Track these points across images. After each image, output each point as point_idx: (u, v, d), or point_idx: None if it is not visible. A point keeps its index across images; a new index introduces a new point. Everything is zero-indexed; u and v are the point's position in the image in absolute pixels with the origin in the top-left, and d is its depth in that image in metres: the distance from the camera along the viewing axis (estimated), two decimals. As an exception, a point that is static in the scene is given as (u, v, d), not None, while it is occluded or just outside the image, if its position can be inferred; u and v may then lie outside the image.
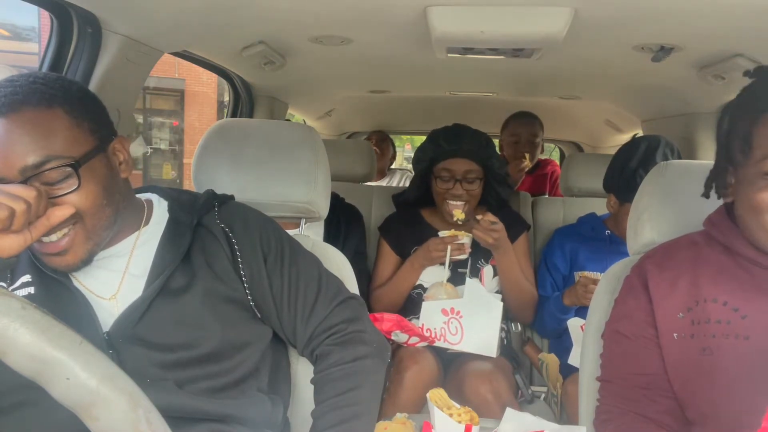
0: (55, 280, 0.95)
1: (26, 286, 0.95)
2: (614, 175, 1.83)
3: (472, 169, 1.87)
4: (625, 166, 1.78)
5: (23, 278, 0.96)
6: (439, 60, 1.77)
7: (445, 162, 1.88)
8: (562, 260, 1.96)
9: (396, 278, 1.90)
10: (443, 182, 1.88)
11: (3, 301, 0.44)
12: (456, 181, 1.86)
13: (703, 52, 1.62)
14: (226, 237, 1.05)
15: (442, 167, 1.88)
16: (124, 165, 0.99)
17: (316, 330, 1.07)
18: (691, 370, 0.96)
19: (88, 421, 0.46)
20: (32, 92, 0.87)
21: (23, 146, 0.85)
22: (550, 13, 1.32)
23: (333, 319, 1.08)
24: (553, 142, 4.12)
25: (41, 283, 0.95)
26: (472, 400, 1.57)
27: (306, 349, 1.09)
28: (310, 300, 1.08)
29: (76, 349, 0.46)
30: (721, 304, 0.96)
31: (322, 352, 1.06)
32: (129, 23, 1.36)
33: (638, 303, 1.04)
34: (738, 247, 0.97)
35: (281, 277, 1.07)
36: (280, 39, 1.74)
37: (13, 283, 0.95)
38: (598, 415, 1.06)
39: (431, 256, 1.81)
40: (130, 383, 0.48)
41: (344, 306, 1.10)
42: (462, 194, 1.86)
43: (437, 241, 1.80)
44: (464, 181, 1.86)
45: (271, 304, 1.06)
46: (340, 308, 1.09)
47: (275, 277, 1.06)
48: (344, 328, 1.07)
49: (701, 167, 1.23)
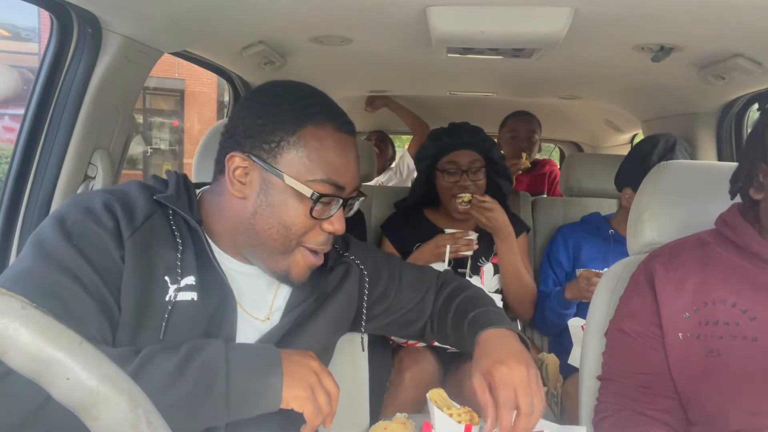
0: (215, 287, 0.93)
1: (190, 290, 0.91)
2: (633, 169, 1.83)
3: (476, 159, 1.90)
4: (647, 158, 1.78)
5: (188, 279, 0.91)
6: (439, 60, 1.77)
7: (449, 155, 1.91)
8: (566, 256, 1.97)
9: None
10: (449, 175, 1.90)
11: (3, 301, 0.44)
12: (462, 173, 1.88)
13: (703, 52, 1.62)
14: (359, 273, 1.11)
15: (447, 160, 1.91)
16: None
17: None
18: (696, 370, 0.95)
19: (89, 421, 0.46)
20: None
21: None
22: (550, 13, 1.32)
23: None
24: (553, 142, 4.12)
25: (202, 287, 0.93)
26: (472, 400, 1.57)
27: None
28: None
29: (76, 349, 0.46)
30: (729, 305, 0.95)
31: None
32: (129, 23, 1.36)
33: (643, 302, 1.03)
34: (754, 246, 0.96)
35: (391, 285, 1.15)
36: (280, 39, 1.75)
37: (178, 282, 0.91)
38: (598, 413, 1.06)
39: (439, 252, 1.83)
40: (131, 383, 0.48)
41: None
42: (469, 185, 1.88)
43: (446, 237, 1.83)
44: (470, 171, 1.89)
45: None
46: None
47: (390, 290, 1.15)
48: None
49: (701, 167, 1.24)
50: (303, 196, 0.89)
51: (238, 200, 0.92)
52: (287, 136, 0.89)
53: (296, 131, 0.89)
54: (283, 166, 0.89)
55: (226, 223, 0.95)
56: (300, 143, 0.89)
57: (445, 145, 1.91)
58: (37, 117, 1.34)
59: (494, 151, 1.95)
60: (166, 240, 0.91)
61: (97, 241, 0.84)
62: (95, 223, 0.85)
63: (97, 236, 0.84)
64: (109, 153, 1.47)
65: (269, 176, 0.90)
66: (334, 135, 0.92)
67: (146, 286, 0.86)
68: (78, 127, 1.36)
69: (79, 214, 0.86)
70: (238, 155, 0.90)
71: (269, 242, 0.92)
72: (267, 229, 0.91)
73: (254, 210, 0.91)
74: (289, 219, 0.90)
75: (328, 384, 0.87)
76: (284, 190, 0.89)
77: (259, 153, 0.90)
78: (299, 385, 0.84)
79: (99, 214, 0.86)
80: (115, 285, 0.84)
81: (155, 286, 0.87)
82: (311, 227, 0.92)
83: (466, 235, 1.81)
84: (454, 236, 1.82)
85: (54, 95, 1.35)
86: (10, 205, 1.35)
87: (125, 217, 0.87)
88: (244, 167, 0.90)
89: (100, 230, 0.84)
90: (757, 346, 0.91)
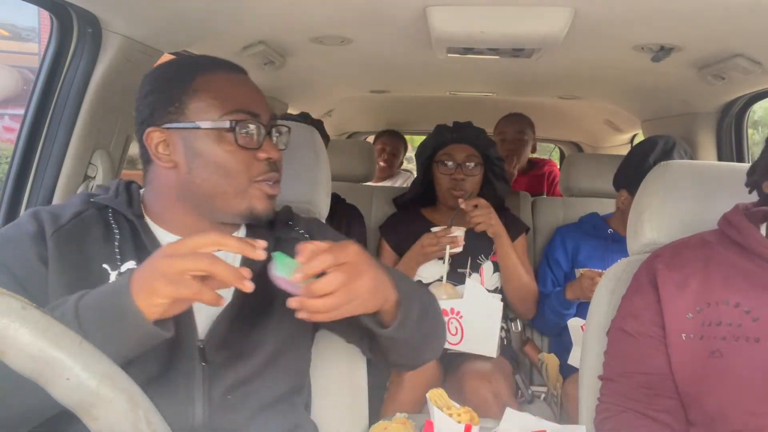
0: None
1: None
2: (630, 171, 1.83)
3: (473, 154, 1.91)
4: (644, 161, 1.78)
5: (129, 264, 0.92)
6: (439, 60, 1.77)
7: (446, 148, 1.93)
8: (564, 257, 1.97)
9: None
10: (445, 167, 1.91)
11: (3, 301, 0.44)
12: (457, 166, 1.90)
13: (703, 52, 1.62)
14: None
15: (444, 152, 1.93)
16: None
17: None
18: (698, 371, 0.95)
19: (89, 421, 0.46)
20: None
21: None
22: (550, 13, 1.32)
23: None
24: (553, 142, 4.11)
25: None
26: (472, 400, 1.57)
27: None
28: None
29: (76, 349, 0.46)
30: (732, 305, 0.94)
31: None
32: (129, 23, 1.35)
33: (646, 301, 1.03)
34: (757, 247, 0.96)
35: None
36: (280, 39, 1.75)
37: (119, 267, 0.91)
38: (598, 414, 1.05)
39: (425, 252, 1.83)
40: (131, 383, 0.48)
41: None
42: (463, 180, 1.88)
43: (430, 236, 1.82)
44: (465, 165, 1.90)
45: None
46: None
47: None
48: None
49: (701, 167, 1.24)
50: (222, 131, 0.92)
51: (171, 170, 0.94)
52: (184, 92, 0.93)
53: (190, 84, 0.93)
54: (192, 117, 0.92)
55: (169, 200, 0.97)
56: (198, 91, 0.93)
57: (444, 138, 1.94)
58: (37, 117, 1.34)
59: (492, 150, 1.96)
60: (100, 232, 0.93)
61: (17, 251, 0.86)
62: (17, 232, 0.88)
63: (16, 245, 0.87)
64: (109, 153, 1.47)
65: (186, 133, 0.92)
66: (225, 76, 0.96)
67: (83, 277, 0.87)
68: (78, 127, 1.36)
69: (7, 228, 0.90)
70: (152, 130, 0.94)
71: (217, 190, 0.93)
72: (207, 179, 0.93)
73: (188, 169, 0.93)
74: (221, 159, 0.92)
75: (187, 260, 0.73)
76: (205, 136, 0.92)
77: (169, 118, 0.93)
78: (152, 285, 0.73)
79: (22, 224, 0.89)
80: (42, 291, 0.85)
81: (93, 275, 0.88)
82: (248, 161, 0.93)
83: (450, 233, 1.80)
84: (437, 234, 1.81)
85: (54, 95, 1.35)
86: (10, 205, 1.35)
87: (50, 219, 0.90)
88: (163, 139, 0.93)
89: (21, 237, 0.87)
90: (759, 348, 0.91)
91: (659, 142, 1.80)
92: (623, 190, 1.86)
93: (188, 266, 0.73)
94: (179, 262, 0.73)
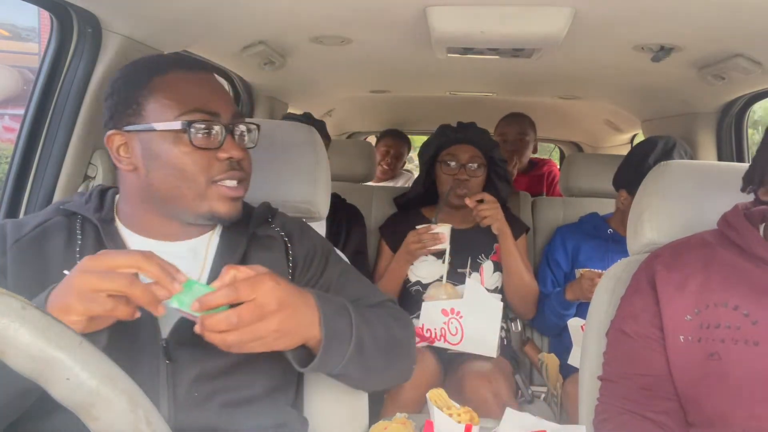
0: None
1: None
2: (629, 171, 1.83)
3: (477, 155, 1.92)
4: (644, 161, 1.78)
5: None
6: (439, 60, 1.77)
7: (450, 148, 1.94)
8: (564, 257, 1.97)
9: (387, 274, 1.93)
10: (448, 167, 1.91)
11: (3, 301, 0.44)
12: (461, 166, 1.90)
13: (703, 52, 1.62)
14: (284, 246, 1.04)
15: (447, 152, 1.93)
16: None
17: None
18: (697, 373, 0.95)
19: (89, 421, 0.46)
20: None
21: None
22: (550, 13, 1.32)
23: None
24: (553, 142, 4.11)
25: None
26: (472, 400, 1.57)
27: None
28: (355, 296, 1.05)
29: (76, 349, 0.46)
30: (731, 308, 0.94)
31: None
32: (129, 23, 1.35)
33: (645, 303, 1.03)
34: (757, 249, 0.95)
35: (329, 275, 1.06)
36: (280, 39, 1.75)
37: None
38: (598, 414, 1.05)
39: (410, 249, 1.83)
40: (131, 383, 0.48)
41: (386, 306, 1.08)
42: (466, 180, 1.88)
43: (413, 233, 1.83)
44: (468, 166, 1.90)
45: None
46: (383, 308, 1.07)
47: (324, 275, 1.06)
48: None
49: (701, 167, 1.24)
50: (178, 132, 0.91)
51: (132, 173, 0.94)
52: (140, 94, 0.92)
53: (146, 86, 0.92)
54: (149, 119, 0.92)
55: (134, 203, 0.97)
56: (153, 92, 0.92)
57: (448, 138, 1.94)
58: (37, 117, 1.34)
59: (496, 151, 1.96)
60: (63, 239, 0.93)
61: None
62: None
63: None
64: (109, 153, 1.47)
65: (143, 135, 0.92)
66: (183, 75, 0.94)
67: (43, 284, 0.84)
68: (78, 127, 1.36)
69: None
70: (112, 134, 0.94)
71: (175, 193, 0.93)
72: (165, 181, 0.92)
73: (146, 171, 0.93)
74: (177, 160, 0.91)
75: (103, 280, 0.72)
76: (161, 138, 0.91)
77: (127, 120, 0.93)
78: (65, 301, 0.72)
79: None
80: None
81: (53, 282, 0.84)
82: (206, 162, 0.92)
83: (430, 230, 1.80)
84: (419, 231, 1.81)
85: (54, 95, 1.35)
86: (10, 206, 1.35)
87: (13, 230, 0.91)
88: (123, 142, 0.94)
89: None
90: (758, 351, 0.90)
91: (659, 143, 1.80)
92: (623, 190, 1.87)
93: (103, 286, 0.72)
94: (94, 280, 0.72)
